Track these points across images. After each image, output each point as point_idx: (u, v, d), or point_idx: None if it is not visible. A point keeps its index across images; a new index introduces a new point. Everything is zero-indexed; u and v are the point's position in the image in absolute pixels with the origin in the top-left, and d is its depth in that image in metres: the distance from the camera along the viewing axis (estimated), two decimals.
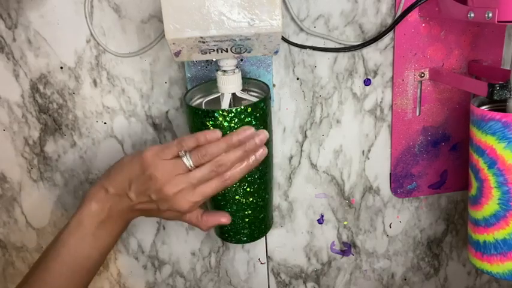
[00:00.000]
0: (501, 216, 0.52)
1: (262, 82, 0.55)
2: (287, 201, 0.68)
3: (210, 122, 0.48)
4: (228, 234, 0.57)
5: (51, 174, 0.62)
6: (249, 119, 0.48)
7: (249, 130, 0.47)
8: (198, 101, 0.55)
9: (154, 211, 0.49)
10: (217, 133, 0.46)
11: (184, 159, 0.46)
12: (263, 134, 0.47)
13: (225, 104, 0.50)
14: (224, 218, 0.52)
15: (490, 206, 0.53)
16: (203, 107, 0.52)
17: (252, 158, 0.48)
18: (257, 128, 0.49)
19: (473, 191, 0.56)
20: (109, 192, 0.48)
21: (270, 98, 0.52)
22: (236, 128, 0.48)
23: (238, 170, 0.47)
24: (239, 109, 0.47)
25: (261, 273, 0.72)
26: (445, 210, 0.72)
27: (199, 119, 0.48)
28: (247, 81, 0.55)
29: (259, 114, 0.49)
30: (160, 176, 0.46)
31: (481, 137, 0.52)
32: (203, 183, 0.47)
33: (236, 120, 0.47)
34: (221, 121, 0.47)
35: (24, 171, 0.62)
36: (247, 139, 0.47)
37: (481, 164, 0.53)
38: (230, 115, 0.47)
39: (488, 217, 0.54)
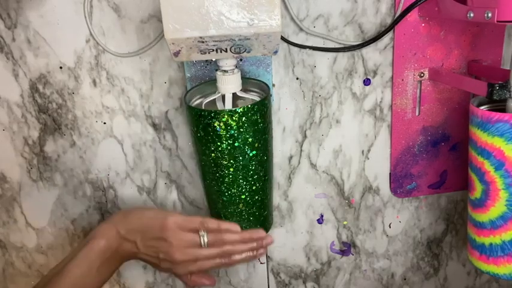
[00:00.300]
0: (509, 218, 0.52)
1: (261, 81, 0.55)
2: (287, 201, 0.67)
3: (217, 123, 0.48)
4: None
5: (50, 174, 0.62)
6: (256, 117, 0.49)
7: (262, 233, 0.52)
8: (198, 101, 0.55)
9: (153, 264, 0.53)
10: (237, 227, 0.51)
11: (202, 238, 0.50)
12: (270, 239, 0.52)
13: (228, 104, 0.50)
14: (208, 281, 0.55)
15: (497, 208, 0.53)
16: (203, 108, 0.52)
17: (251, 253, 0.52)
18: (262, 126, 0.50)
19: (476, 194, 0.55)
20: (120, 234, 0.51)
21: (271, 95, 0.52)
22: (244, 126, 0.48)
23: (238, 259, 0.51)
24: (246, 108, 0.47)
25: (260, 273, 0.72)
26: (444, 210, 0.72)
27: (205, 119, 0.48)
28: (246, 81, 0.55)
29: (264, 112, 0.50)
30: (176, 243, 0.50)
31: (486, 139, 0.51)
32: (206, 260, 0.51)
33: (244, 118, 0.48)
34: (227, 120, 0.47)
35: (24, 171, 0.62)
36: (257, 239, 0.51)
37: (487, 166, 0.52)
38: (237, 114, 0.47)
39: (495, 219, 0.53)
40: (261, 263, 0.71)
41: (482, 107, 0.54)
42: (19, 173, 0.62)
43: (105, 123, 0.60)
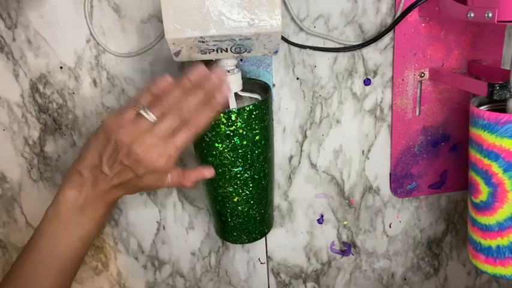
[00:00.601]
0: None
1: (262, 81, 0.55)
2: (287, 201, 0.67)
3: (224, 122, 0.48)
4: (229, 234, 0.57)
5: (51, 174, 0.62)
6: (262, 114, 0.49)
7: (201, 69, 0.45)
8: None
9: (133, 180, 0.46)
10: (168, 79, 0.45)
11: (145, 114, 0.44)
12: (219, 70, 0.45)
13: (232, 104, 0.50)
14: (207, 171, 0.50)
15: (506, 210, 0.52)
16: None
17: (216, 97, 0.45)
18: (267, 124, 0.51)
19: (482, 197, 0.54)
20: (83, 175, 0.46)
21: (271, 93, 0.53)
22: (251, 125, 0.48)
23: (204, 115, 0.45)
24: (252, 106, 0.48)
25: (261, 273, 0.72)
26: (445, 210, 0.72)
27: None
28: (247, 81, 0.55)
29: (267, 110, 0.50)
30: (126, 138, 0.44)
31: (494, 141, 0.50)
32: (173, 136, 0.45)
33: (252, 116, 0.48)
34: (235, 120, 0.48)
35: (24, 171, 0.62)
36: (203, 80, 0.45)
37: (495, 168, 0.51)
38: (245, 113, 0.48)
39: (503, 221, 0.53)
40: (261, 263, 0.71)
41: (482, 107, 0.54)
42: (19, 173, 0.62)
43: None
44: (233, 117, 0.47)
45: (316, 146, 0.65)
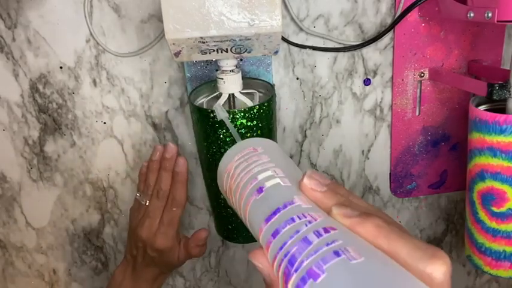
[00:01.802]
0: None
1: (265, 81, 0.55)
2: None
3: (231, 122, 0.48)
4: (230, 234, 0.57)
5: (50, 174, 0.62)
6: (268, 113, 0.50)
7: (156, 149, 0.51)
8: (201, 101, 0.55)
9: (152, 260, 0.52)
10: (144, 164, 0.53)
11: (140, 200, 0.51)
12: (168, 147, 0.51)
13: (220, 114, 0.50)
14: (202, 233, 0.55)
15: None
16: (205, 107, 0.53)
17: (177, 173, 0.51)
18: (273, 121, 0.51)
19: (509, 204, 0.52)
20: (127, 259, 0.54)
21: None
22: (257, 124, 0.49)
23: (175, 189, 0.51)
24: (257, 106, 0.48)
25: None
26: (444, 210, 0.72)
27: (215, 119, 0.48)
28: (250, 81, 0.56)
29: (273, 108, 0.51)
30: (133, 223, 0.51)
31: None
32: (162, 215, 0.51)
33: (258, 115, 0.48)
34: (239, 120, 0.48)
35: (24, 171, 0.62)
36: (164, 160, 0.51)
37: None
38: (253, 112, 0.48)
39: None
40: None
41: (481, 107, 0.54)
42: (19, 173, 0.62)
43: (105, 123, 0.60)
44: (238, 117, 0.48)
45: (316, 146, 0.65)
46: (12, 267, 0.67)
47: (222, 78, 0.49)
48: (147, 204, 0.50)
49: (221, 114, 0.44)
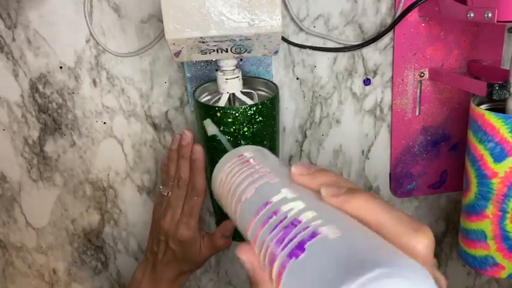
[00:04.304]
0: None
1: (269, 81, 0.55)
2: None
3: (230, 120, 0.48)
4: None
5: (50, 174, 0.62)
6: (273, 111, 0.50)
7: (175, 138, 0.51)
8: (205, 99, 0.55)
9: (173, 254, 0.52)
10: (173, 147, 0.52)
11: (162, 191, 0.51)
12: (184, 135, 0.50)
13: (238, 102, 0.51)
14: (228, 223, 0.53)
15: None
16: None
17: (193, 160, 0.50)
18: (277, 119, 0.52)
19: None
20: (147, 257, 0.54)
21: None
22: (262, 121, 0.49)
23: (194, 176, 0.50)
24: (260, 103, 0.48)
25: None
26: (444, 210, 0.72)
27: (219, 116, 0.49)
28: (253, 80, 0.56)
29: (277, 106, 0.51)
30: (156, 216, 0.51)
31: None
32: (183, 205, 0.50)
33: (263, 112, 0.49)
34: (240, 117, 0.48)
35: (24, 171, 0.62)
36: (179, 147, 0.51)
37: None
38: (255, 109, 0.48)
39: None
40: None
41: (481, 106, 0.54)
42: (19, 173, 0.62)
43: (105, 123, 0.60)
44: (239, 115, 0.48)
45: (316, 146, 0.65)
46: (12, 267, 0.67)
47: (222, 78, 0.49)
48: (169, 195, 0.50)
49: (211, 129, 0.45)
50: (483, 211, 0.54)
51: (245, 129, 0.48)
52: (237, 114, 0.48)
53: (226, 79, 0.49)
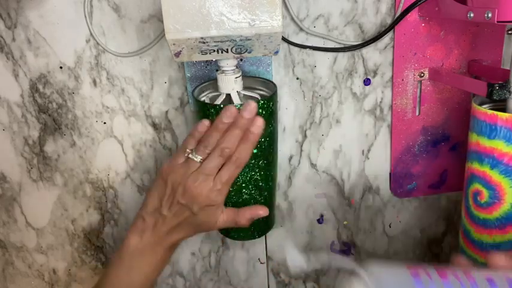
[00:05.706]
0: None
1: (269, 80, 0.55)
2: (287, 201, 0.68)
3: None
4: (230, 231, 0.57)
5: (50, 174, 0.62)
6: (274, 109, 0.50)
7: (229, 110, 0.48)
8: (204, 97, 0.55)
9: (190, 218, 0.50)
10: (205, 122, 0.49)
11: (192, 156, 0.48)
12: (249, 107, 0.48)
13: (236, 101, 0.50)
14: (262, 210, 0.52)
15: None
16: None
17: (252, 131, 0.48)
18: (274, 117, 0.51)
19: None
20: (145, 220, 0.50)
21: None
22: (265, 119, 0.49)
23: (243, 148, 0.48)
24: (258, 102, 0.48)
25: (260, 273, 0.72)
26: (444, 210, 0.72)
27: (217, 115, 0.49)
28: (252, 80, 0.56)
29: (275, 104, 0.51)
30: (180, 178, 0.48)
31: None
32: (219, 172, 0.48)
33: (262, 110, 0.49)
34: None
35: (24, 171, 0.62)
36: (235, 118, 0.48)
37: None
38: (263, 104, 0.49)
39: None
40: (261, 263, 0.71)
41: (483, 106, 0.54)
42: (19, 173, 0.62)
43: (105, 123, 0.60)
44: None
45: (316, 146, 0.65)
46: (12, 267, 0.67)
47: (222, 78, 0.49)
48: (200, 161, 0.48)
49: None
50: None
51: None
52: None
53: (227, 79, 0.49)
